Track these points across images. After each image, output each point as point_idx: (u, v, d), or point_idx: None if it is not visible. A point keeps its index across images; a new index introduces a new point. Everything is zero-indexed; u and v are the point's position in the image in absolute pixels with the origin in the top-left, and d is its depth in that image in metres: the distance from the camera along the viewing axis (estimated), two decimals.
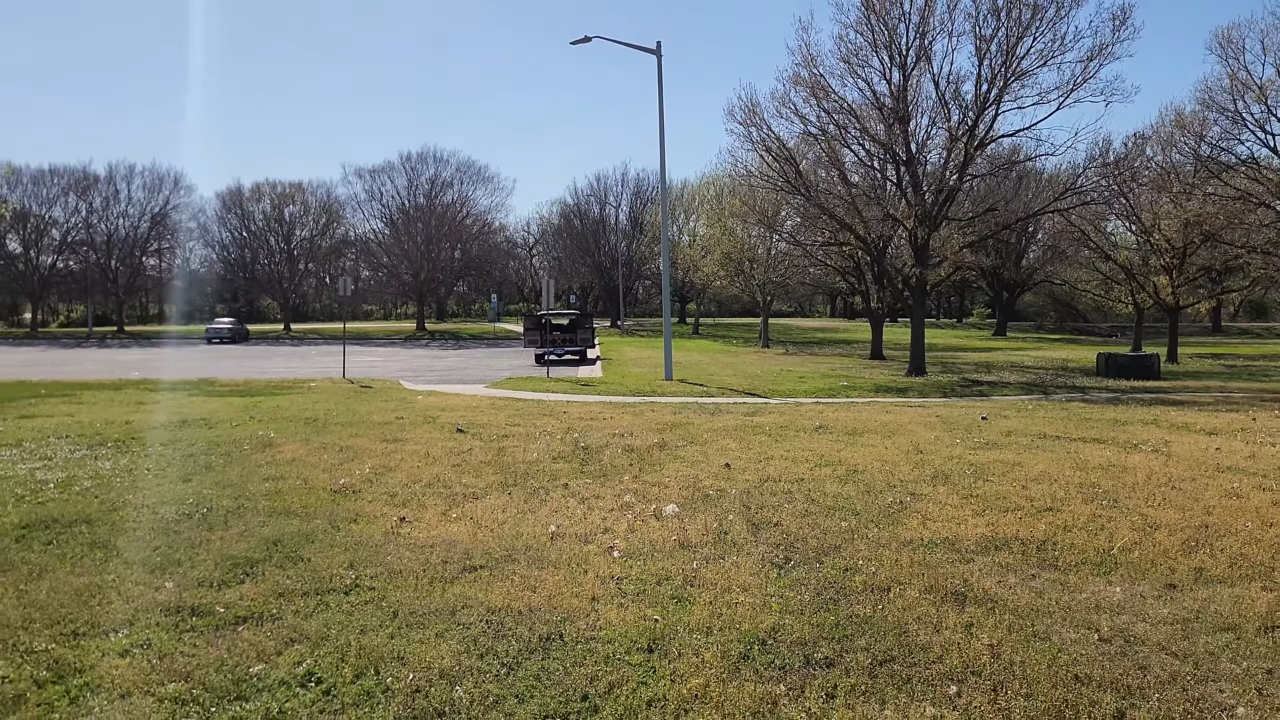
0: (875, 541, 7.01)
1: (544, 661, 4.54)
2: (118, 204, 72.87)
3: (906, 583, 5.91)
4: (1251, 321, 78.59)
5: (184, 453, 11.51)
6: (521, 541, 6.97)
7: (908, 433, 13.55)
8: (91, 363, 37.09)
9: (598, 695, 4.16)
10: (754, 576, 6.06)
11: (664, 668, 4.48)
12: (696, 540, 7.04)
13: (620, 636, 4.89)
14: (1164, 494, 8.88)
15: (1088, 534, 7.23)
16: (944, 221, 29.97)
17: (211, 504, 8.27)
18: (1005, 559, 6.54)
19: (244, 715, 3.92)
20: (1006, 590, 5.77)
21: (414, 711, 3.97)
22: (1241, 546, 6.86)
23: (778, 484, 9.38)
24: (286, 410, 16.56)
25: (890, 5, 28.59)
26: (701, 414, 16.25)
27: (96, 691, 4.15)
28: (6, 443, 12.32)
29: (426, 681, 4.27)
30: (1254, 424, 14.80)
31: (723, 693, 4.19)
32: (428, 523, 7.64)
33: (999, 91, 28.44)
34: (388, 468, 10.37)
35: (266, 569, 6.13)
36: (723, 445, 12.21)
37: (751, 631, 4.99)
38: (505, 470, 10.28)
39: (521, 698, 4.12)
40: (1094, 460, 10.93)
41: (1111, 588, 5.84)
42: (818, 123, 30.24)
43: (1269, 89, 28.43)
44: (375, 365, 33.86)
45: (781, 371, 29.72)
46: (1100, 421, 15.16)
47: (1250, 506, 8.30)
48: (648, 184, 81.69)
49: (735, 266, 49.49)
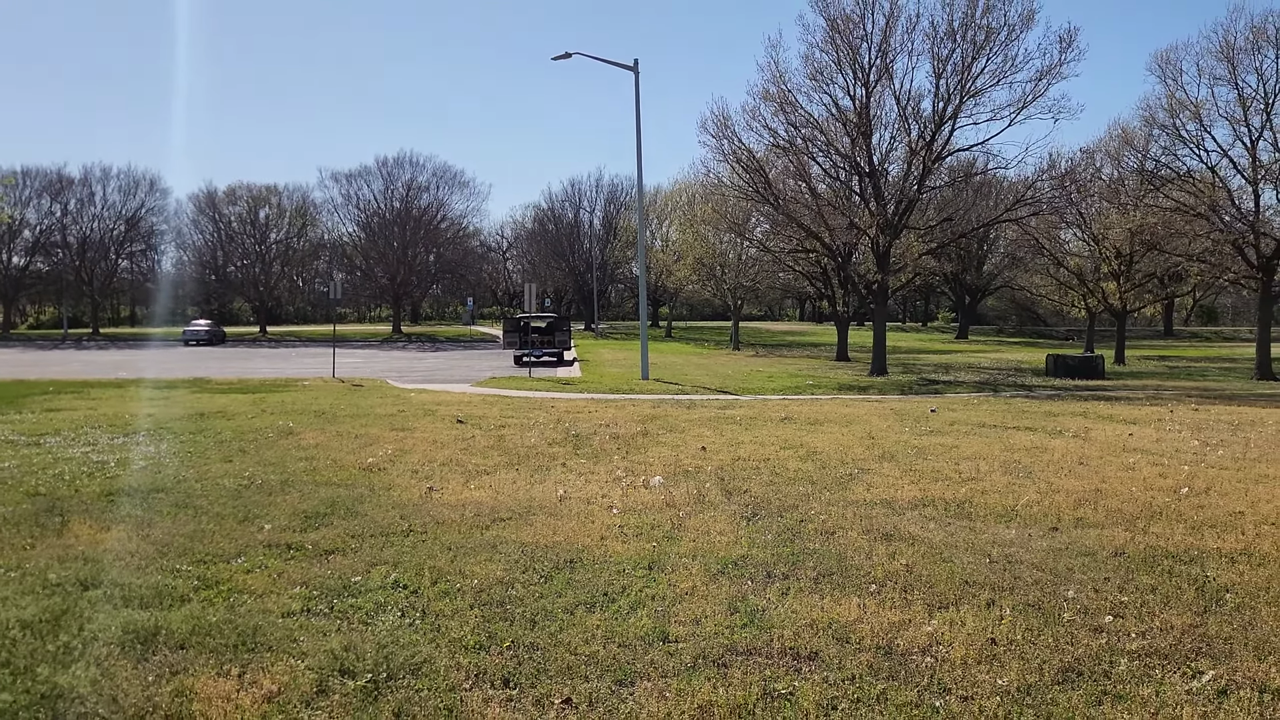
0: (827, 502, 8.55)
1: (570, 574, 6.02)
2: (92, 206, 73.24)
3: (848, 528, 7.45)
4: (1202, 325, 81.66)
5: (215, 440, 12.81)
6: (535, 502, 8.43)
7: (863, 422, 15.16)
8: (76, 363, 37.74)
9: (614, 593, 5.65)
10: (728, 525, 7.57)
11: (661, 578, 5.98)
12: (680, 502, 8.54)
13: (626, 560, 6.39)
14: (1072, 468, 10.53)
15: (999, 496, 8.83)
16: (904, 230, 31.74)
17: (261, 478, 9.63)
18: (929, 513, 8.10)
19: (359, 604, 5.36)
20: (926, 532, 7.33)
21: (483, 600, 5.44)
22: (1120, 504, 8.48)
23: (747, 462, 10.91)
24: (293, 405, 17.85)
25: (853, 26, 30.34)
26: (678, 408, 17.76)
27: (241, 592, 5.56)
28: (46, 431, 13.54)
29: (487, 585, 5.74)
30: (1170, 415, 16.58)
31: (705, 591, 5.70)
32: (452, 490, 9.07)
33: (955, 108, 30.30)
34: (404, 451, 11.77)
35: (333, 520, 7.55)
36: (698, 433, 13.73)
37: (726, 557, 6.50)
38: (508, 453, 11.71)
39: (559, 594, 5.60)
40: (1021, 444, 12.58)
41: (1008, 531, 7.42)
42: (786, 136, 31.97)
43: (1203, 108, 30.50)
44: (359, 366, 34.99)
45: (751, 372, 31.33)
46: (1036, 413, 16.88)
47: (1139, 477, 9.95)
48: (621, 189, 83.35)
49: (707, 271, 51.14)
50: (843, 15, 30.29)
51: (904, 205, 31.19)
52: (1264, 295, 30.86)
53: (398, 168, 75.38)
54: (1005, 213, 32.92)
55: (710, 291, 54.94)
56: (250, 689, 4.14)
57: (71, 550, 6.48)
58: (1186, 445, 12.57)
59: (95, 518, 7.58)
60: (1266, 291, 30.69)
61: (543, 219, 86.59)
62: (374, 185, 75.82)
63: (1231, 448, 12.31)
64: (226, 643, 4.69)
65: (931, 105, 30.98)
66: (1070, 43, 28.93)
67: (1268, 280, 30.32)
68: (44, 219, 72.89)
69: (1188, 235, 31.85)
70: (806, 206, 32.50)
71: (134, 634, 4.76)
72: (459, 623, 5.06)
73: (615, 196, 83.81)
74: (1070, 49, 28.81)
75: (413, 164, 75.81)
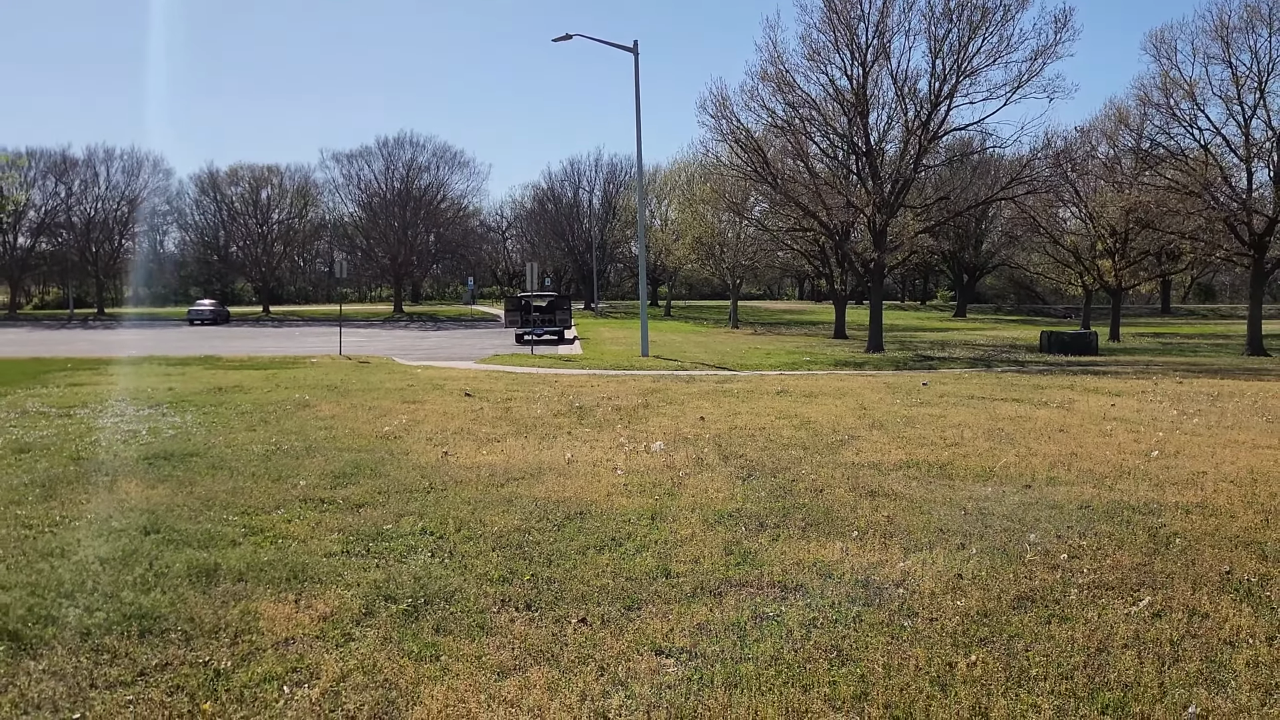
0: (817, 464, 9.15)
1: (581, 523, 6.62)
2: (96, 187, 73.50)
3: (836, 486, 8.05)
4: (1200, 303, 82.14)
5: (236, 411, 13.39)
6: (545, 464, 9.03)
7: (856, 395, 15.75)
8: (84, 342, 38.30)
9: (621, 538, 6.24)
10: (724, 483, 8.17)
11: (663, 526, 6.57)
12: (679, 464, 9.14)
13: (631, 511, 6.99)
14: (1051, 435, 11.13)
15: (980, 459, 9.42)
16: (901, 209, 32.22)
17: (286, 445, 10.22)
18: (913, 474, 8.70)
19: (392, 546, 5.96)
20: (908, 490, 7.92)
21: (504, 543, 6.04)
22: (1092, 466, 9.07)
23: (744, 431, 11.50)
24: (305, 380, 18.43)
25: (850, 6, 30.68)
26: (677, 382, 18.35)
27: (285, 538, 6.16)
28: (74, 404, 14.13)
29: (506, 531, 6.34)
30: (1154, 388, 17.17)
31: (703, 537, 6.30)
32: (466, 454, 9.67)
33: (951, 88, 30.71)
34: (416, 421, 12.35)
35: (359, 479, 8.15)
36: (697, 405, 14.31)
37: (723, 509, 7.10)
38: (516, 423, 12.30)
39: (571, 539, 6.20)
40: (1006, 413, 13.18)
41: (984, 488, 8.02)
42: (784, 115, 32.41)
43: (1197, 87, 30.91)
44: (363, 344, 35.53)
45: (750, 349, 31.90)
46: (1024, 386, 17.47)
47: (1114, 443, 10.55)
48: (620, 169, 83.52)
49: (706, 250, 51.56)
50: None
51: (900, 184, 31.64)
52: (1256, 272, 31.39)
53: (398, 148, 75.59)
54: (1001, 191, 33.36)
55: (709, 270, 55.37)
56: (307, 610, 4.74)
57: (125, 504, 7.08)
58: (1165, 415, 13.16)
59: (140, 477, 8.18)
60: (1259, 269, 31.21)
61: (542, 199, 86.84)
62: (375, 165, 76.07)
63: (1207, 417, 12.90)
64: (279, 576, 5.30)
65: (928, 85, 31.42)
66: (1065, 23, 29.33)
67: (1259, 257, 30.84)
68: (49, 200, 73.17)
69: (1181, 213, 32.29)
70: (804, 186, 32.92)
71: (197, 569, 5.37)
72: (482, 561, 5.66)
73: (614, 176, 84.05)
74: (1065, 29, 29.22)
75: (413, 144, 76.04)
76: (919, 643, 4.42)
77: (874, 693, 3.87)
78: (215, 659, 4.16)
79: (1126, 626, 4.65)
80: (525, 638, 4.44)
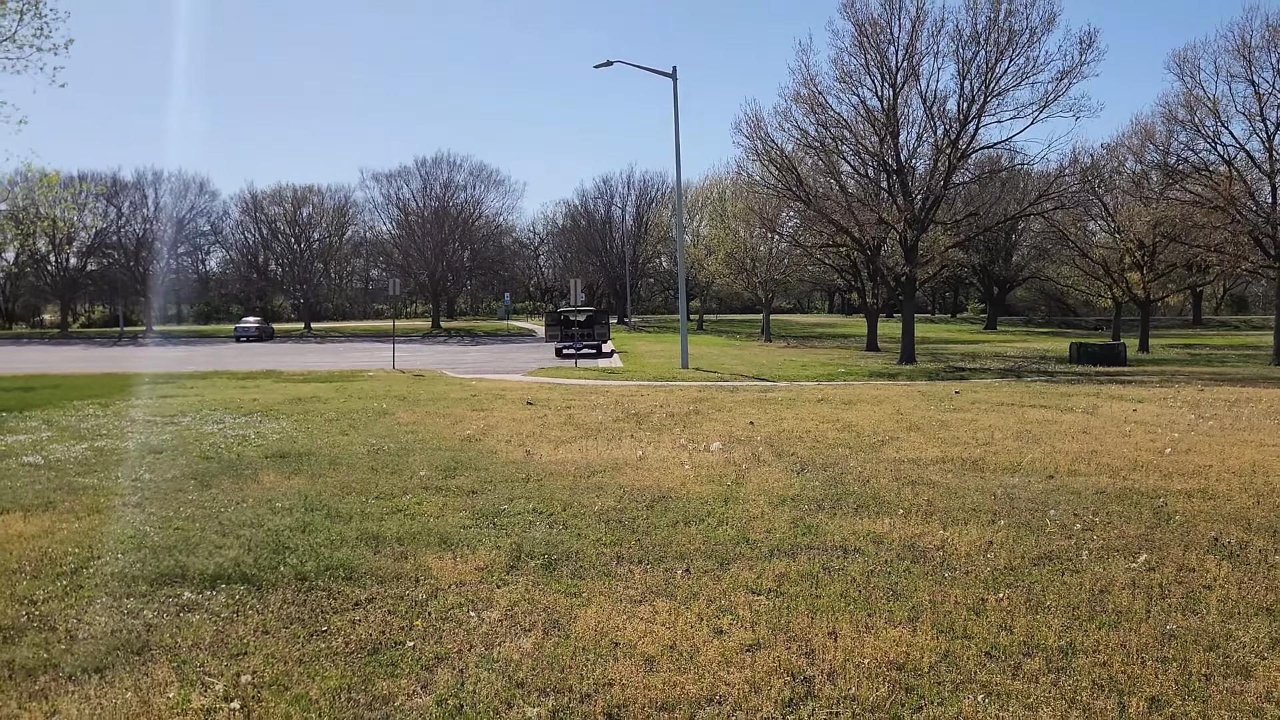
0: (862, 460, 10.27)
1: (664, 504, 7.81)
2: (145, 208, 76.11)
3: (880, 477, 9.17)
4: (1231, 314, 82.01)
5: (323, 419, 14.71)
6: (620, 460, 10.23)
7: (892, 402, 16.83)
8: (142, 359, 40.01)
9: (702, 515, 7.42)
10: (781, 475, 9.32)
11: (735, 507, 7.74)
12: (739, 461, 10.30)
13: (706, 496, 8.16)
14: (1075, 436, 12.17)
15: (1008, 455, 10.50)
16: (931, 224, 33.23)
17: (383, 446, 11.49)
18: (948, 467, 9.80)
19: (513, 520, 7.18)
20: (944, 480, 9.03)
21: (605, 519, 7.24)
22: (1110, 461, 10.12)
23: (791, 434, 12.64)
24: (373, 391, 19.79)
25: (880, 30, 31.85)
26: (721, 392, 19.51)
27: (422, 515, 7.39)
28: (173, 414, 15.53)
29: (604, 510, 7.54)
30: (1175, 395, 18.08)
31: (771, 515, 7.45)
32: (546, 453, 10.88)
33: (979, 107, 31.73)
34: (490, 426, 13.60)
35: (463, 472, 9.39)
36: (744, 411, 15.46)
37: (784, 495, 8.26)
38: (581, 428, 13.50)
39: (660, 515, 7.39)
40: (1033, 418, 14.21)
41: (1012, 479, 9.10)
42: (816, 135, 33.57)
43: (1220, 104, 31.71)
44: (407, 359, 36.88)
45: (785, 361, 32.99)
46: (1052, 394, 18.44)
47: (1132, 442, 11.57)
48: (653, 185, 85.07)
49: (738, 265, 52.72)
50: (870, 20, 31.84)
51: (931, 200, 32.66)
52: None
53: (435, 167, 77.71)
54: (1029, 206, 34.31)
55: (741, 285, 56.46)
56: (466, 563, 5.97)
57: (275, 490, 8.36)
58: (1182, 418, 14.13)
59: (274, 470, 9.47)
60: None
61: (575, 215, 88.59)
62: (413, 184, 78.24)
63: (1222, 420, 13.86)
64: (432, 540, 6.53)
65: (956, 105, 32.42)
66: (1090, 44, 30.30)
67: None
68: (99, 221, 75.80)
69: (1207, 227, 33.03)
70: (836, 202, 34.03)
71: (364, 536, 6.61)
72: (592, 531, 6.86)
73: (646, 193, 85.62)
74: (1090, 50, 30.18)
75: (450, 164, 78.13)
76: (957, 585, 5.56)
77: (923, 616, 5.01)
78: (410, 594, 5.38)
79: (1125, 575, 5.75)
80: (644, 581, 5.63)
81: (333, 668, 4.35)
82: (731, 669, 4.29)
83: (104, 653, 4.52)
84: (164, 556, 6.10)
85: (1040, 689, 4.10)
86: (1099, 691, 4.08)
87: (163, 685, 4.15)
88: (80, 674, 4.30)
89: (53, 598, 5.35)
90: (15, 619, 4.99)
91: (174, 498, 8.13)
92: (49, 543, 6.53)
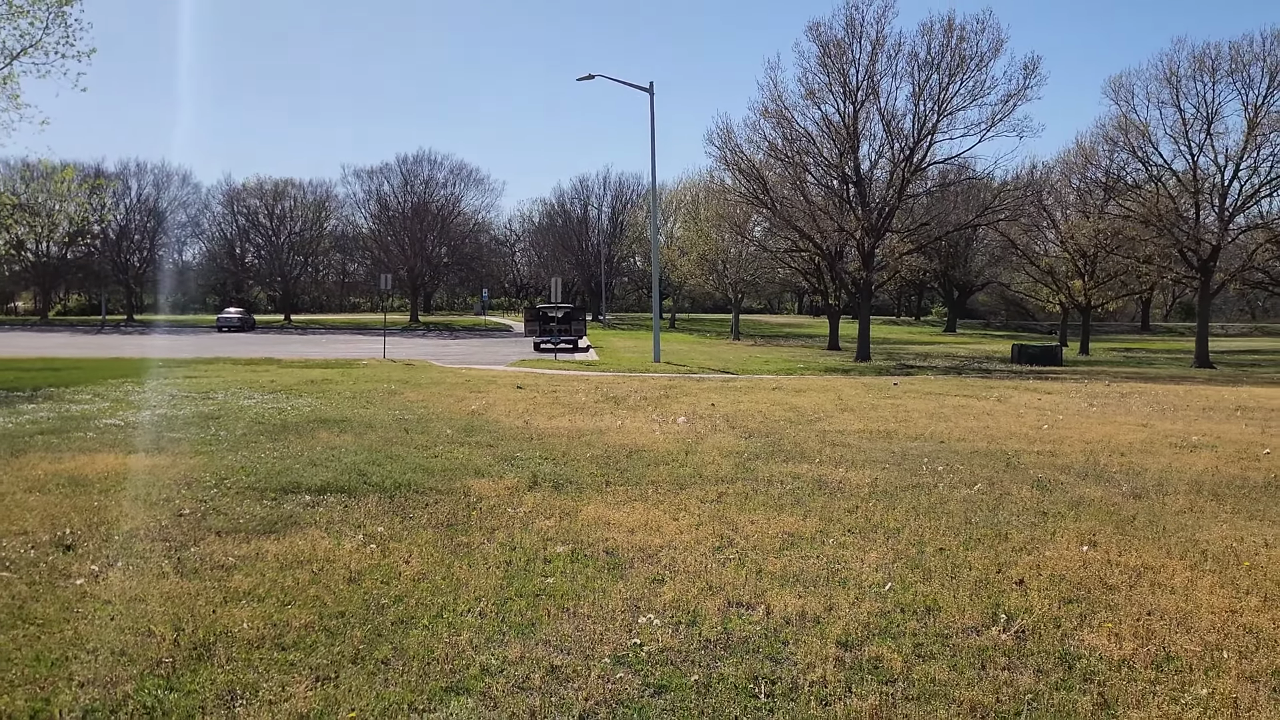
0: (799, 430, 12.72)
1: (640, 454, 10.21)
2: (127, 198, 77.28)
3: (810, 440, 11.63)
4: (1179, 321, 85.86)
5: (342, 397, 16.92)
6: (603, 427, 12.60)
7: (837, 391, 19.34)
8: (131, 347, 41.17)
9: (669, 460, 9.82)
10: (732, 439, 11.74)
11: (694, 457, 10.15)
12: (700, 430, 12.71)
13: (671, 450, 10.57)
14: (978, 416, 14.71)
15: (916, 428, 13.00)
16: (887, 232, 35.91)
17: (405, 416, 13.77)
18: (866, 438, 12.27)
19: (526, 461, 9.53)
20: (859, 444, 11.50)
21: (596, 462, 9.63)
22: (994, 433, 12.65)
23: (746, 412, 15.08)
24: (375, 376, 21.99)
25: (842, 50, 34.46)
26: (689, 381, 21.94)
27: (454, 456, 9.72)
28: (205, 390, 17.65)
29: (594, 457, 9.93)
30: (1083, 389, 20.76)
31: (721, 461, 9.88)
32: (542, 423, 13.23)
33: (933, 125, 34.49)
34: (489, 404, 15.90)
35: (478, 435, 11.71)
36: (708, 396, 17.89)
37: (732, 450, 10.68)
38: (566, 406, 15.85)
39: (635, 460, 9.79)
40: (951, 404, 16.76)
41: (911, 445, 11.59)
42: (783, 148, 36.15)
43: (1150, 128, 34.71)
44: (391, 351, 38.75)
45: (750, 357, 35.53)
46: (978, 387, 21.06)
47: (1021, 422, 14.13)
48: (628, 187, 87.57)
49: (710, 266, 55.30)
50: (834, 41, 34.48)
51: (887, 211, 35.35)
52: (1202, 294, 35.08)
53: (416, 165, 79.63)
54: (976, 217, 37.14)
55: (713, 285, 59.06)
56: (498, 483, 8.33)
57: (334, 443, 10.65)
58: (1074, 406, 16.75)
59: (325, 430, 11.75)
60: (1204, 290, 34.90)
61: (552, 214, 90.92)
62: (393, 181, 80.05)
63: (1106, 408, 16.49)
64: (469, 470, 8.89)
65: (911, 123, 35.16)
66: (1034, 69, 33.19)
67: (1205, 280, 34.51)
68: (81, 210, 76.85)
69: (1138, 240, 36.02)
70: (801, 210, 36.63)
71: (418, 468, 8.95)
72: (587, 468, 9.25)
73: (622, 193, 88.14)
74: (1034, 75, 33.09)
75: (431, 162, 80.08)
76: (842, 499, 8.00)
77: (813, 514, 7.44)
78: (462, 500, 7.73)
79: (961, 495, 8.23)
80: (626, 494, 8.03)
81: (425, 530, 6.70)
82: (683, 533, 6.69)
83: (270, 524, 6.83)
84: (276, 478, 8.40)
85: (875, 544, 6.53)
86: (910, 544, 6.52)
87: (318, 539, 6.46)
88: (258, 535, 6.59)
89: (211, 498, 7.64)
90: (196, 507, 7.28)
91: (255, 445, 10.40)
92: (181, 470, 8.79)
